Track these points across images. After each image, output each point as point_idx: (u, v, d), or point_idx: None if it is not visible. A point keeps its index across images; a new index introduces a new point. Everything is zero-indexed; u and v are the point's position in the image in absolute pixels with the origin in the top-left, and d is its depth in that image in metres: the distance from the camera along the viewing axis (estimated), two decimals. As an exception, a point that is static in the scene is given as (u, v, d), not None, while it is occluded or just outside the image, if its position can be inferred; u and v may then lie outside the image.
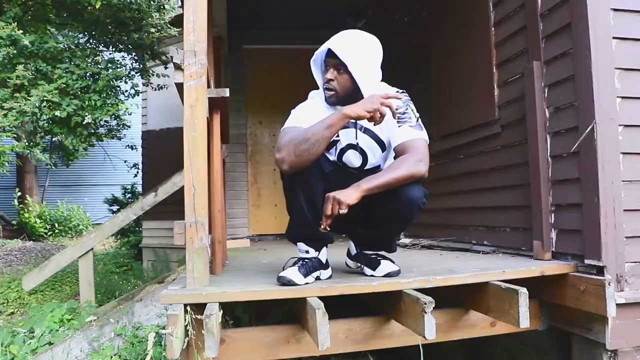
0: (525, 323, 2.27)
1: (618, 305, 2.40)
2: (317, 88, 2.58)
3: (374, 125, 2.31)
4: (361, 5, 6.56)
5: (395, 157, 2.37)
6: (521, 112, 3.14)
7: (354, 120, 2.30)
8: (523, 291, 2.28)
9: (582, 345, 2.65)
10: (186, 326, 2.22)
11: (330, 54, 2.37)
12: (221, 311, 2.24)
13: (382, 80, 2.48)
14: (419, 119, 2.41)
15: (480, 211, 3.74)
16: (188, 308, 2.24)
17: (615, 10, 2.60)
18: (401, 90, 2.48)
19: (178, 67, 2.62)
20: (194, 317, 2.23)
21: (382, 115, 2.19)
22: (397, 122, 2.33)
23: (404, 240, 4.41)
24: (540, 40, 2.95)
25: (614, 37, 2.59)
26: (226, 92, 2.82)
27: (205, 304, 2.20)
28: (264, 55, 7.21)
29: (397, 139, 2.34)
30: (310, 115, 2.35)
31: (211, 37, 4.22)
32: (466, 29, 3.93)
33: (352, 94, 2.37)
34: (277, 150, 2.23)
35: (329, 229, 2.24)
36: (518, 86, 3.21)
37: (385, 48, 2.45)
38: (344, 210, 2.13)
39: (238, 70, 7.04)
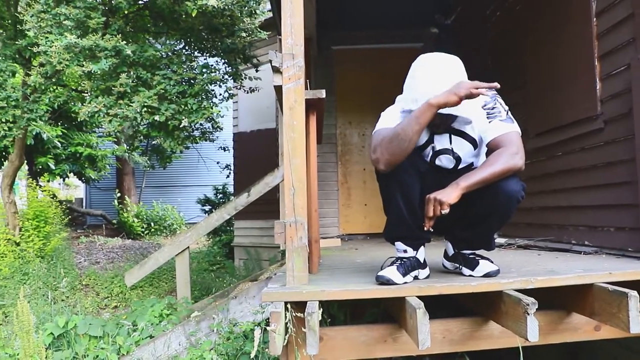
0: (636, 328, 2.15)
1: None
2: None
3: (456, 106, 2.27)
4: (451, 1, 6.45)
5: (488, 153, 2.34)
6: (627, 106, 2.99)
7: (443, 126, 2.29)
8: (633, 294, 2.16)
9: (698, 352, 2.50)
10: (286, 323, 2.28)
11: None
12: (321, 309, 2.28)
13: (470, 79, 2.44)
14: (509, 112, 2.38)
15: (580, 210, 3.59)
16: (288, 305, 2.30)
17: None
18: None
19: (277, 70, 2.69)
20: (294, 314, 2.28)
21: (459, 100, 2.16)
22: (487, 117, 2.30)
23: (499, 240, 4.30)
24: (648, 29, 2.80)
25: None
26: (322, 94, 2.87)
27: (304, 302, 2.25)
28: (353, 55, 7.23)
29: (490, 135, 2.32)
30: (397, 116, 2.37)
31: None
32: (564, 20, 3.78)
33: None
34: (372, 152, 2.26)
35: (432, 230, 2.24)
36: (623, 79, 3.05)
37: (476, 44, 2.42)
38: (446, 210, 2.13)
39: (327, 70, 7.11)
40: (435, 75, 2.25)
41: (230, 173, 11.51)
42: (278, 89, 2.63)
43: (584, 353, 3.61)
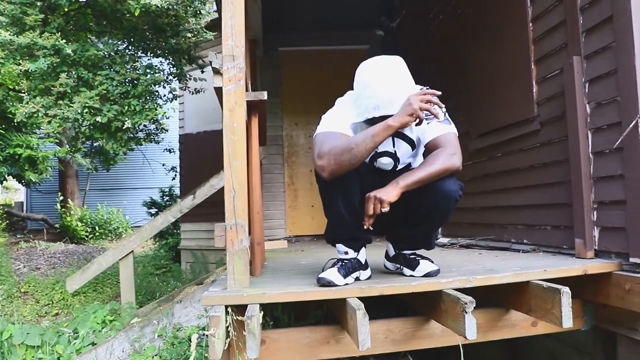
0: (568, 323, 2.23)
1: (666, 304, 2.34)
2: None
3: (418, 125, 2.29)
4: (396, 4, 6.54)
5: (425, 153, 2.39)
6: (561, 109, 3.08)
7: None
8: (566, 290, 2.24)
9: (628, 345, 2.60)
10: (227, 327, 2.25)
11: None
12: (262, 312, 2.27)
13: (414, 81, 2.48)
14: (446, 113, 2.42)
15: (519, 209, 3.69)
16: (229, 309, 2.27)
17: (658, 2, 2.54)
18: (425, 87, 2.48)
19: (217, 72, 2.66)
20: (235, 318, 2.26)
21: (420, 119, 2.18)
22: (426, 118, 2.33)
23: (442, 239, 4.38)
24: (580, 34, 2.90)
25: (657, 30, 2.53)
26: (264, 95, 2.85)
27: (245, 305, 2.23)
28: (299, 56, 7.23)
29: (428, 136, 2.36)
30: (341, 121, 2.37)
31: (247, 40, 4.27)
32: (503, 25, 3.88)
33: None
34: (318, 157, 2.23)
35: (372, 228, 2.25)
36: (557, 82, 3.15)
37: (420, 47, 2.45)
38: (385, 209, 2.15)
39: (273, 72, 7.09)
40: (391, 79, 2.27)
41: (176, 175, 11.32)
42: (218, 91, 2.60)
43: (523, 348, 3.71)
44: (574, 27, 2.95)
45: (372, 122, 2.29)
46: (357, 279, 2.47)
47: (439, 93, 2.23)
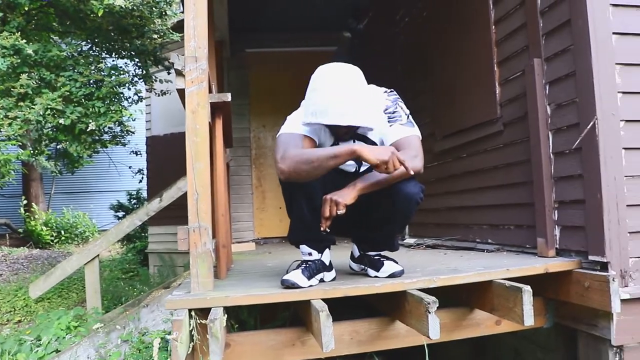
0: (529, 321, 2.27)
1: (622, 300, 2.39)
2: None
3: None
4: (363, 5, 6.57)
5: None
6: (523, 110, 3.13)
7: (349, 134, 2.35)
8: (527, 289, 2.27)
9: (587, 341, 2.65)
10: (191, 331, 2.23)
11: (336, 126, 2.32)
12: (225, 315, 2.25)
13: (371, 83, 2.48)
14: (409, 116, 2.43)
15: (483, 209, 3.74)
16: (193, 313, 2.25)
17: (614, 5, 2.60)
18: (390, 90, 2.50)
19: (179, 73, 2.64)
20: (199, 322, 2.24)
21: (389, 170, 2.13)
22: (388, 121, 2.35)
23: (409, 240, 4.41)
24: (541, 37, 2.95)
25: (613, 33, 2.59)
26: (228, 97, 2.83)
27: (209, 309, 2.21)
28: (267, 58, 7.22)
29: (391, 138, 2.37)
30: (302, 127, 2.36)
31: (213, 41, 4.23)
32: (467, 27, 3.93)
33: None
34: (281, 159, 2.21)
35: (329, 230, 2.25)
36: (519, 84, 3.20)
37: (387, 49, 2.45)
38: (341, 211, 2.15)
39: (241, 73, 7.06)
40: (334, 89, 2.22)
41: (143, 178, 11.17)
42: (181, 92, 2.58)
43: (489, 346, 3.75)
44: (535, 30, 3.00)
45: (332, 127, 2.31)
46: (321, 280, 2.46)
47: (412, 173, 2.20)
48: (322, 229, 2.23)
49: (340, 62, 2.36)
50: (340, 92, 2.21)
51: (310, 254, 2.46)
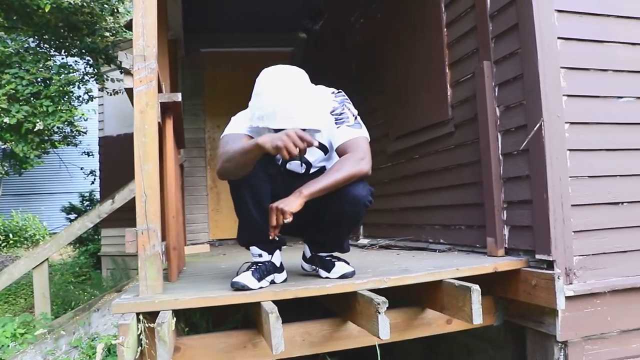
0: (478, 320, 2.30)
1: (567, 298, 2.46)
2: None
3: (287, 159, 2.27)
4: (318, 7, 6.58)
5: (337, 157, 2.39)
6: (473, 112, 3.18)
7: None
8: (475, 288, 2.31)
9: (535, 338, 2.70)
10: (139, 335, 2.18)
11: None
12: (174, 319, 2.21)
13: (327, 84, 2.49)
14: (357, 117, 2.43)
15: (436, 210, 3.78)
16: (141, 317, 2.20)
17: (559, 11, 2.67)
18: (337, 91, 2.50)
19: (127, 72, 2.59)
20: (147, 325, 2.19)
21: (291, 153, 2.07)
22: (336, 122, 2.35)
23: (362, 240, 4.43)
24: (490, 40, 3.00)
25: (558, 37, 2.65)
26: (178, 97, 2.79)
27: (158, 312, 2.16)
28: (223, 58, 7.15)
29: (338, 140, 2.36)
30: (242, 124, 2.37)
31: (165, 40, 4.17)
32: (420, 30, 3.97)
33: None
34: (217, 159, 2.26)
35: (279, 237, 2.25)
36: (470, 86, 3.25)
37: (342, 50, 2.45)
38: (288, 219, 2.14)
39: (196, 73, 6.98)
40: (280, 93, 2.20)
41: (95, 179, 10.91)
42: (130, 92, 2.52)
43: (441, 345, 3.81)
44: (484, 33, 3.05)
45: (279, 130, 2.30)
46: (272, 282, 2.45)
47: (316, 143, 2.15)
48: (270, 237, 2.24)
49: (284, 65, 2.36)
50: (285, 96, 2.20)
51: (260, 255, 2.44)
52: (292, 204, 2.15)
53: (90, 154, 9.38)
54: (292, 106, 2.19)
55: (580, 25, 2.72)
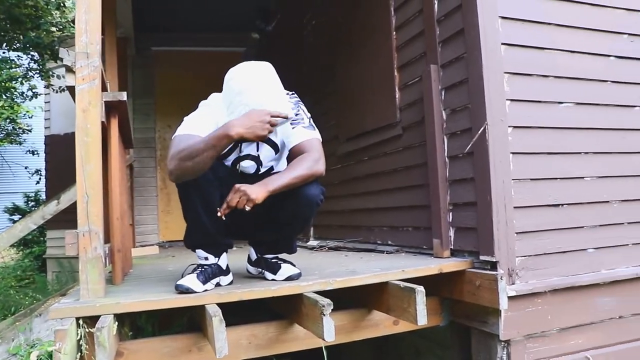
0: (422, 321, 2.32)
1: (510, 297, 2.52)
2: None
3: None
4: (271, 7, 6.56)
5: (290, 157, 2.40)
6: (420, 114, 3.23)
7: None
8: (420, 289, 2.33)
9: (479, 337, 2.76)
10: (79, 341, 2.12)
11: None
12: (116, 323, 2.16)
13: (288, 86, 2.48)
14: (311, 119, 2.46)
15: (384, 211, 3.82)
16: (81, 322, 2.14)
17: (503, 18, 2.73)
18: (291, 92, 2.51)
19: (70, 70, 2.52)
20: (87, 330, 2.13)
21: (261, 136, 2.16)
22: (291, 123, 2.35)
23: (312, 242, 4.43)
24: (437, 44, 3.05)
25: (502, 43, 2.72)
26: (123, 96, 2.73)
27: (99, 317, 2.11)
28: (174, 57, 7.06)
29: (293, 140, 2.38)
30: (204, 125, 2.30)
31: (114, 37, 4.07)
32: (371, 32, 4.00)
33: None
34: (169, 159, 2.18)
35: (227, 241, 2.22)
36: (417, 89, 3.29)
37: (294, 51, 2.45)
38: (249, 207, 2.11)
39: (147, 72, 6.87)
40: (263, 86, 2.23)
41: (41, 179, 10.59)
42: (72, 90, 2.46)
43: (391, 346, 3.84)
44: (432, 37, 3.10)
45: None
46: (217, 284, 2.42)
47: (285, 115, 2.22)
48: (219, 214, 2.19)
49: (249, 62, 2.35)
50: (269, 90, 2.25)
51: (206, 258, 2.42)
52: (259, 194, 2.12)
53: (36, 152, 9.08)
54: (277, 99, 2.24)
55: (523, 32, 2.79)
